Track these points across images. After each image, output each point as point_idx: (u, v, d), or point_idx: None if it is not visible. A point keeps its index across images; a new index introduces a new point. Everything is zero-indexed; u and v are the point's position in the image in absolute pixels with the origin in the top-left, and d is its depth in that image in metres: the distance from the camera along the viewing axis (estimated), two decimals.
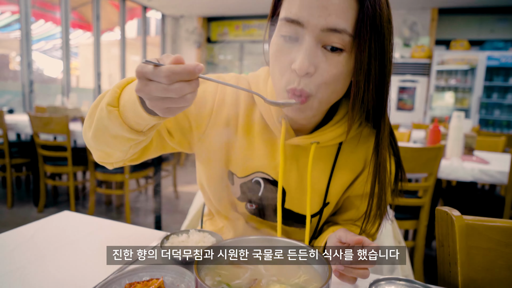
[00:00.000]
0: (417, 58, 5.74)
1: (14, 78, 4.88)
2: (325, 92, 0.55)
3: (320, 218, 0.72)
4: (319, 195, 0.69)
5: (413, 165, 1.69)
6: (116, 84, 0.55)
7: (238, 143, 0.68)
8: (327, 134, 0.64)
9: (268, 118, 0.65)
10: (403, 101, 5.90)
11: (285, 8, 0.54)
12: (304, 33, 0.52)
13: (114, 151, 0.61)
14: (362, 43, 0.51)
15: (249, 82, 0.69)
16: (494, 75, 5.44)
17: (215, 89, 0.68)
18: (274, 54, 0.56)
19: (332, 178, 0.68)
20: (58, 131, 2.52)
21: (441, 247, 0.59)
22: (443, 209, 0.58)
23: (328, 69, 0.53)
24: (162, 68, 0.40)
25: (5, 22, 4.88)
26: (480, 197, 2.25)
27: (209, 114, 0.67)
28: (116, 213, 2.94)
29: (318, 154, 0.67)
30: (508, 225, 0.59)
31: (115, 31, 6.27)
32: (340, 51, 0.52)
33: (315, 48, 0.52)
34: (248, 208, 0.72)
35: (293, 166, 0.67)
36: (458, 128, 1.89)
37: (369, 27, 0.50)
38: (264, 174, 0.68)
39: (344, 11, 0.50)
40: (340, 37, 0.51)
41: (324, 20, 0.50)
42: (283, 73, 0.55)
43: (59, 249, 0.64)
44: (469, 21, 6.04)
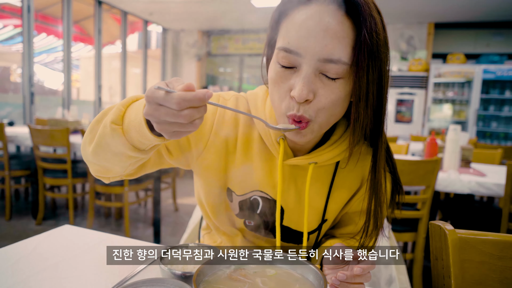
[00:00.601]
0: (415, 71, 5.82)
1: (15, 91, 4.92)
2: (325, 116, 0.56)
3: (318, 235, 0.73)
4: (317, 213, 0.70)
5: (411, 178, 1.70)
6: (121, 102, 0.56)
7: (237, 161, 0.69)
8: (325, 155, 0.65)
9: (266, 139, 0.66)
10: (401, 114, 5.94)
11: (282, 37, 0.55)
12: (302, 62, 0.53)
13: (113, 167, 0.61)
14: (360, 70, 0.51)
15: (248, 102, 0.70)
16: (490, 88, 5.51)
17: (215, 108, 0.69)
18: (273, 80, 0.57)
19: (330, 197, 0.69)
20: (59, 143, 2.54)
21: (435, 260, 0.60)
22: (437, 223, 0.59)
23: (326, 95, 0.54)
24: (173, 95, 0.41)
25: (8, 35, 4.96)
26: (478, 209, 2.25)
27: (208, 133, 0.68)
28: (115, 225, 2.93)
29: (316, 173, 0.68)
30: (500, 238, 0.60)
31: (116, 44, 6.36)
32: (336, 79, 0.54)
33: (313, 75, 0.53)
34: (246, 224, 0.73)
35: (291, 185, 0.68)
36: (455, 141, 1.91)
37: (367, 54, 0.51)
38: (263, 193, 0.69)
39: (341, 40, 0.51)
40: (337, 66, 0.52)
41: (321, 51, 0.51)
42: (282, 99, 0.56)
43: (60, 263, 0.65)
44: (465, 35, 6.14)
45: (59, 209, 3.24)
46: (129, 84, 6.51)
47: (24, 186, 3.26)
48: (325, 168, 0.68)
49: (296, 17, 0.54)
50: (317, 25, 0.51)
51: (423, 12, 5.41)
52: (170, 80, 0.45)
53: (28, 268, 0.62)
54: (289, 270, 0.51)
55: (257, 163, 0.68)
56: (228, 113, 0.69)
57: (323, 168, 0.68)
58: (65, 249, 0.72)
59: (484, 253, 0.59)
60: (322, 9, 0.52)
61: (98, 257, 0.69)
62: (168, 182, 3.40)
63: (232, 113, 0.69)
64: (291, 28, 0.54)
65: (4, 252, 0.68)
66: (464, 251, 0.58)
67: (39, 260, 0.66)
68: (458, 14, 5.43)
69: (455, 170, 1.89)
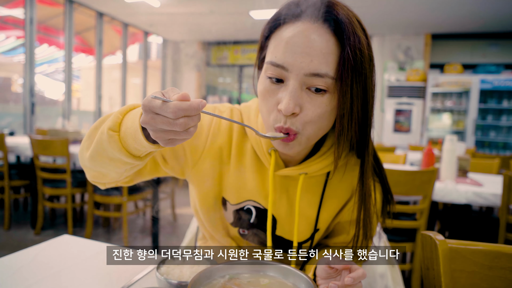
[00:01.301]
0: (412, 81, 5.87)
1: (16, 101, 4.96)
2: (312, 129, 0.58)
3: (311, 244, 0.74)
4: (309, 223, 0.71)
5: (408, 188, 1.71)
6: (119, 110, 0.57)
7: (231, 171, 0.71)
8: (314, 165, 0.67)
9: (258, 150, 0.68)
10: (399, 123, 5.98)
11: (271, 52, 0.58)
12: (289, 77, 0.55)
13: (109, 172, 0.63)
14: (344, 86, 0.54)
15: (242, 114, 0.73)
16: (488, 97, 5.56)
17: (211, 119, 0.72)
18: (261, 93, 0.60)
19: (321, 206, 0.70)
20: (58, 153, 2.55)
21: (427, 270, 0.61)
22: (428, 234, 0.61)
23: (312, 109, 0.56)
24: (169, 104, 0.43)
25: (10, 47, 5.02)
26: (476, 219, 2.26)
27: (203, 143, 0.70)
28: (114, 235, 2.93)
29: (307, 183, 0.69)
30: (491, 248, 0.61)
31: (117, 55, 6.42)
32: (323, 91, 0.56)
33: (300, 90, 0.55)
34: (240, 233, 0.74)
35: (283, 195, 0.70)
36: (451, 151, 1.93)
37: (350, 70, 0.53)
38: (255, 202, 0.71)
39: (326, 56, 0.54)
40: (323, 80, 0.54)
41: (306, 66, 0.54)
42: (270, 111, 0.59)
43: (60, 273, 0.66)
44: (461, 46, 6.22)
45: (57, 219, 3.23)
46: (129, 95, 6.56)
47: (23, 196, 3.26)
48: (316, 179, 0.70)
49: (284, 33, 0.57)
50: (303, 42, 0.54)
51: (420, 23, 5.49)
52: (166, 89, 0.47)
53: (28, 277, 0.63)
54: (282, 280, 0.52)
55: (250, 173, 0.70)
56: (223, 124, 0.71)
57: (314, 179, 0.70)
58: (65, 258, 0.73)
59: (474, 263, 0.60)
60: (308, 27, 0.55)
61: (97, 267, 0.70)
62: (167, 192, 3.41)
63: (226, 124, 0.72)
64: (279, 44, 0.57)
65: (4, 261, 0.69)
66: (455, 261, 0.59)
67: (39, 269, 0.67)
68: (454, 25, 5.51)
69: (452, 180, 1.90)
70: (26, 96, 4.57)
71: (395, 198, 2.23)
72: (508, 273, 0.59)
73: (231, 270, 0.53)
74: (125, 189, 2.49)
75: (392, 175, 1.70)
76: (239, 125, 0.72)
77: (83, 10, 5.49)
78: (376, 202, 0.68)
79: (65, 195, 2.68)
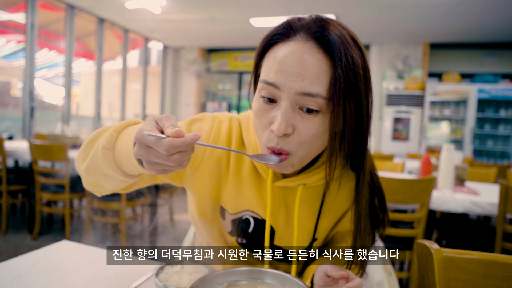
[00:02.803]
0: (411, 90, 5.91)
1: (15, 105, 4.96)
2: (305, 150, 0.58)
3: (309, 254, 0.74)
4: (307, 232, 0.72)
5: (405, 197, 1.72)
6: (114, 127, 0.57)
7: (230, 182, 0.71)
8: (313, 177, 0.67)
9: (256, 162, 0.68)
10: (398, 132, 6.00)
11: (264, 70, 0.58)
12: (281, 96, 0.55)
13: (105, 185, 0.64)
14: (336, 106, 0.53)
15: (241, 124, 0.74)
16: (485, 106, 5.60)
17: (210, 128, 0.72)
18: (255, 112, 0.60)
19: (320, 217, 0.71)
20: (57, 158, 2.55)
21: (422, 279, 0.62)
22: (423, 242, 0.62)
23: (305, 130, 0.55)
24: (163, 142, 0.42)
25: (10, 51, 5.04)
26: (474, 228, 2.27)
27: (202, 152, 0.71)
28: (112, 241, 2.91)
29: (306, 194, 0.70)
30: (485, 258, 0.62)
31: (117, 60, 6.46)
32: (316, 112, 0.55)
33: (292, 110, 0.55)
34: (239, 242, 0.75)
35: (281, 206, 0.70)
36: (449, 160, 1.94)
37: (342, 90, 0.52)
38: (253, 213, 0.71)
39: (318, 76, 0.53)
40: (315, 100, 0.54)
41: (298, 85, 0.53)
42: (263, 130, 0.59)
43: (59, 279, 0.66)
44: (459, 55, 6.28)
45: (55, 224, 3.22)
46: (129, 100, 6.58)
47: (21, 201, 3.25)
48: (314, 189, 0.70)
49: (277, 53, 0.56)
50: (295, 62, 0.54)
51: (419, 32, 5.55)
52: (161, 117, 0.46)
53: (27, 283, 0.64)
54: (280, 287, 0.53)
55: (248, 184, 0.70)
56: (221, 133, 0.71)
57: (312, 189, 0.70)
58: (63, 264, 0.73)
59: (469, 272, 0.61)
60: (300, 47, 0.55)
61: (96, 273, 0.70)
62: (165, 198, 3.40)
63: (225, 134, 0.72)
64: (272, 63, 0.56)
65: (3, 267, 0.69)
66: (450, 270, 0.60)
67: (38, 275, 0.67)
68: (452, 35, 5.57)
69: (449, 189, 1.91)
70: (26, 100, 4.58)
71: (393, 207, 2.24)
72: (502, 282, 0.60)
73: (229, 277, 0.54)
74: (123, 195, 2.49)
75: (390, 183, 1.71)
76: (236, 130, 0.73)
77: (84, 15, 5.53)
78: (372, 215, 0.69)
79: (63, 200, 2.68)
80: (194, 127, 0.72)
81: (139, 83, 7.05)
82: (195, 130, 0.71)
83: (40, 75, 5.23)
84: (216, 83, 8.53)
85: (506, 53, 5.98)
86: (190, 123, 0.72)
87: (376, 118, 6.45)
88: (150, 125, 0.44)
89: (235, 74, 7.74)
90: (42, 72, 5.38)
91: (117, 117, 6.37)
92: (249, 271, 0.55)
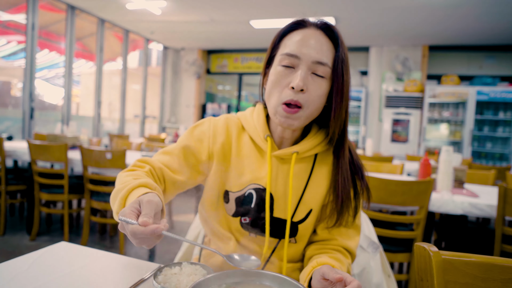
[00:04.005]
0: (410, 92, 5.92)
1: (15, 105, 4.97)
2: (311, 108, 0.73)
3: (307, 225, 0.80)
4: (303, 203, 0.79)
5: (404, 199, 1.72)
6: (122, 194, 0.63)
7: (232, 163, 0.82)
8: (304, 145, 0.80)
9: (256, 138, 0.82)
10: (397, 133, 6.01)
11: (285, 46, 0.75)
12: (300, 63, 0.72)
13: None
14: (339, 73, 0.73)
15: (239, 118, 0.87)
16: (484, 109, 5.61)
17: (208, 127, 0.84)
18: (275, 78, 0.74)
19: (309, 184, 0.80)
20: (56, 159, 2.55)
21: (421, 281, 0.62)
22: (421, 245, 0.62)
23: (315, 89, 0.72)
24: (128, 227, 0.52)
25: (11, 51, 5.04)
26: (473, 230, 2.27)
27: (207, 147, 0.82)
28: (110, 242, 2.91)
29: (298, 166, 0.81)
30: (484, 260, 0.62)
31: (117, 61, 6.46)
32: (322, 77, 0.73)
33: (307, 74, 0.72)
34: (242, 222, 0.80)
35: (279, 175, 0.80)
36: (447, 162, 1.94)
37: (341, 64, 0.73)
38: (255, 184, 0.80)
39: (326, 53, 0.73)
40: (323, 68, 0.72)
41: (314, 55, 0.72)
42: (281, 91, 0.73)
43: (56, 280, 0.66)
44: (458, 58, 6.29)
45: (53, 225, 3.22)
46: (128, 100, 6.58)
47: (19, 201, 3.25)
48: (306, 160, 0.81)
49: (294, 35, 0.75)
50: (311, 39, 0.73)
51: (418, 35, 5.56)
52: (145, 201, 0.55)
53: (25, 284, 0.64)
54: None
55: (249, 160, 0.81)
56: (219, 125, 0.84)
57: (304, 160, 0.81)
58: (62, 266, 0.73)
59: (468, 274, 0.61)
60: (313, 31, 0.74)
61: (94, 275, 0.70)
62: None
63: (223, 123, 0.84)
64: (291, 42, 0.74)
65: (1, 268, 0.69)
66: (449, 273, 0.60)
67: (36, 276, 0.67)
68: (451, 37, 5.59)
69: (448, 191, 1.91)
70: (26, 100, 4.58)
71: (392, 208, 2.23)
72: (501, 285, 0.60)
73: (227, 279, 0.54)
74: None
75: (389, 185, 1.71)
76: (234, 121, 0.86)
77: (84, 16, 5.54)
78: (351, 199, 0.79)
79: (62, 200, 2.67)
80: (196, 131, 0.84)
81: (139, 83, 7.06)
82: (197, 133, 0.83)
83: (40, 75, 5.23)
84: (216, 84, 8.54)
85: (505, 55, 6.00)
86: (193, 130, 0.85)
87: (375, 120, 6.46)
88: (132, 208, 0.54)
89: (235, 76, 7.74)
90: (42, 73, 5.38)
91: (117, 118, 6.37)
92: (247, 273, 0.55)
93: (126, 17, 5.59)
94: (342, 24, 5.20)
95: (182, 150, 0.81)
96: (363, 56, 6.69)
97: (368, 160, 3.40)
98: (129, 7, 5.02)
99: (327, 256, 0.75)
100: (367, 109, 6.43)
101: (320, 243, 0.81)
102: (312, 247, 0.81)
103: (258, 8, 4.77)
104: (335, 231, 0.80)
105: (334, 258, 0.75)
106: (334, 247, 0.79)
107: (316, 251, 0.79)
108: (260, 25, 5.41)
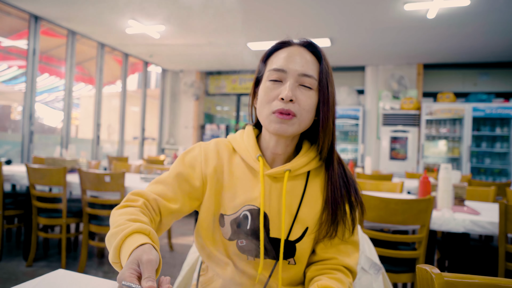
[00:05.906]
0: (407, 110, 5.98)
1: (14, 129, 4.99)
2: (304, 116, 0.76)
3: (304, 244, 0.79)
4: (298, 221, 0.79)
5: (405, 217, 1.71)
6: (117, 240, 0.61)
7: (226, 186, 0.82)
8: (296, 162, 0.80)
9: (247, 158, 0.82)
10: (396, 151, 6.02)
11: (272, 63, 0.79)
12: (287, 77, 0.76)
13: None
14: (324, 84, 0.77)
15: (230, 141, 0.88)
16: (481, 125, 5.65)
17: (199, 152, 0.85)
18: (265, 90, 0.77)
19: (303, 202, 0.80)
20: (55, 182, 2.54)
21: None
22: (424, 267, 0.61)
23: (304, 99, 0.76)
24: None
25: (12, 76, 5.11)
26: (476, 248, 2.24)
27: (199, 172, 0.83)
28: (108, 266, 2.86)
29: (291, 184, 0.81)
30: (487, 281, 0.61)
31: (117, 84, 6.54)
32: (309, 89, 0.76)
33: (295, 85, 0.76)
34: (239, 245, 0.79)
35: (272, 194, 0.80)
36: (447, 180, 1.94)
37: (325, 75, 0.78)
38: (250, 205, 0.79)
39: (311, 66, 0.78)
40: (310, 80, 0.76)
41: (300, 69, 0.76)
42: (271, 102, 0.76)
43: None
44: (453, 75, 6.40)
45: (51, 250, 3.16)
46: (128, 122, 6.61)
47: (16, 226, 3.20)
48: (299, 178, 0.82)
49: (280, 53, 0.79)
50: (296, 55, 0.77)
51: (412, 54, 5.68)
52: (145, 260, 0.53)
53: None
54: None
55: (242, 181, 0.82)
56: (210, 149, 0.85)
57: (297, 178, 0.82)
58: None
59: None
60: (297, 48, 0.79)
61: None
62: None
63: (214, 148, 0.85)
64: (278, 59, 0.78)
65: None
66: None
67: None
68: (445, 55, 5.70)
69: (448, 209, 1.90)
70: (25, 123, 4.60)
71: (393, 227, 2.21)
72: None
73: None
74: None
75: (389, 204, 1.70)
76: (225, 144, 0.87)
77: (85, 41, 5.65)
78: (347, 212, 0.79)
79: (60, 225, 2.64)
80: (187, 157, 0.85)
81: (138, 106, 7.12)
82: (189, 159, 0.84)
83: (40, 99, 5.28)
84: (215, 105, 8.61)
85: (498, 72, 6.11)
86: (184, 156, 0.86)
87: (373, 138, 6.49)
88: (131, 270, 0.52)
89: (233, 96, 7.83)
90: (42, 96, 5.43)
91: (116, 140, 6.38)
92: None
93: (125, 41, 5.70)
94: (337, 45, 5.32)
95: (176, 178, 0.81)
96: (359, 75, 6.80)
97: (368, 179, 3.39)
98: (129, 31, 5.13)
99: (327, 278, 0.74)
100: (364, 127, 6.47)
101: (319, 263, 0.80)
102: (312, 268, 0.80)
103: (255, 31, 4.89)
104: (333, 250, 0.80)
105: (335, 278, 0.74)
106: (334, 266, 0.78)
107: (316, 272, 0.79)
108: (258, 47, 5.52)
